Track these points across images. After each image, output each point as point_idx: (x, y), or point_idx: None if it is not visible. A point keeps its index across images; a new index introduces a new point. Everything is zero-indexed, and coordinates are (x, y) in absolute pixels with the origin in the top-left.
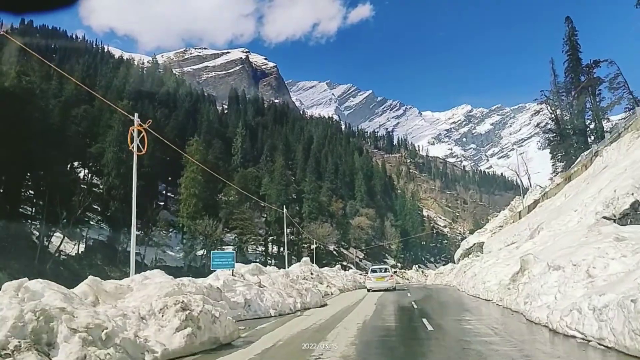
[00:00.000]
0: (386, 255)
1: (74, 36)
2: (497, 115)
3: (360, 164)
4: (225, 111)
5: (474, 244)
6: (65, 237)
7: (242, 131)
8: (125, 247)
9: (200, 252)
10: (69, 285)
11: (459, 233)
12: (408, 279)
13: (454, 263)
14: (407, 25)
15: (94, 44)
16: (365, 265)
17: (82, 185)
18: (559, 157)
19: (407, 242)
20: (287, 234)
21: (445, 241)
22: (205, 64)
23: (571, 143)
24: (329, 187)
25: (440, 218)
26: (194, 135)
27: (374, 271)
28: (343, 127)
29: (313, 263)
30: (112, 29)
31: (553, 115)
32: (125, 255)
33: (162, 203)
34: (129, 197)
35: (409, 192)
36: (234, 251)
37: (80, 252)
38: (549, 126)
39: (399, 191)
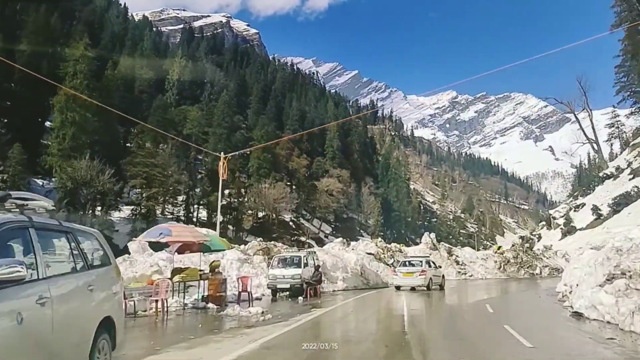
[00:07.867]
0: (361, 231)
1: None
2: (482, 103)
3: (335, 114)
4: (172, 44)
5: None
6: None
7: (181, 61)
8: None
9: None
10: None
11: (450, 211)
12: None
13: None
14: (398, 3)
15: None
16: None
17: None
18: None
19: (388, 217)
20: (221, 191)
21: (435, 219)
22: (183, 25)
23: None
24: (290, 138)
25: (428, 193)
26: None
27: (404, 264)
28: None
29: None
30: None
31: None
32: None
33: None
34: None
35: (393, 158)
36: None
37: None
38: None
39: (380, 158)
